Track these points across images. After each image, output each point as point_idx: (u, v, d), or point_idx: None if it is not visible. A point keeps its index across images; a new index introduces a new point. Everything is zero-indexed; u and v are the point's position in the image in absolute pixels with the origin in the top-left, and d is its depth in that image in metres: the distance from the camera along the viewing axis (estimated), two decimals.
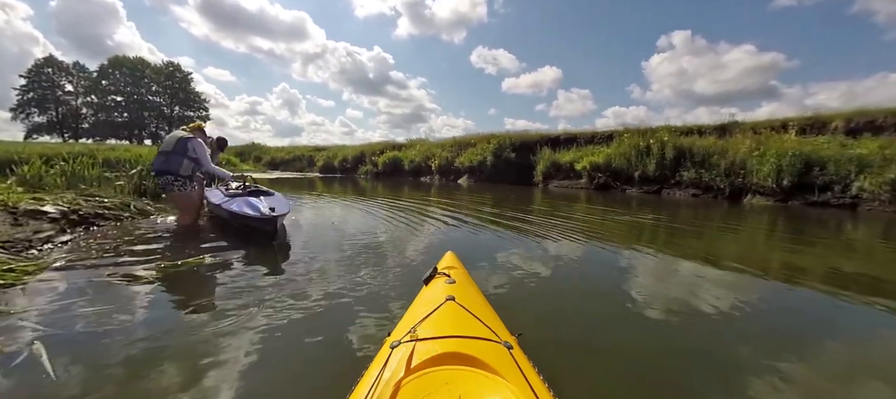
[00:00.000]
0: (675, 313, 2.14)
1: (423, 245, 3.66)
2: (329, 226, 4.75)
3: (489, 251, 3.52)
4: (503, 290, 2.42)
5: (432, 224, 5.12)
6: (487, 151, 16.15)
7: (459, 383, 0.80)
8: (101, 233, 3.41)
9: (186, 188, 3.69)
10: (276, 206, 3.30)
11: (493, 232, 4.64)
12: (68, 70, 40.96)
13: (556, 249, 3.71)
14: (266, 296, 2.19)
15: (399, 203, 7.67)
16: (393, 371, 0.85)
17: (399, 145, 22.62)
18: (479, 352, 0.91)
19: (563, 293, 2.48)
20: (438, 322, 1.09)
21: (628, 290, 2.53)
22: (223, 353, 1.57)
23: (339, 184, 15.14)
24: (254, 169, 27.74)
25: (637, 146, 12.39)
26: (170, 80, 43.13)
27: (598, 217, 6.22)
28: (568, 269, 3.12)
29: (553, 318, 2.10)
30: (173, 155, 3.62)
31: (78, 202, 3.67)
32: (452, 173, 17.66)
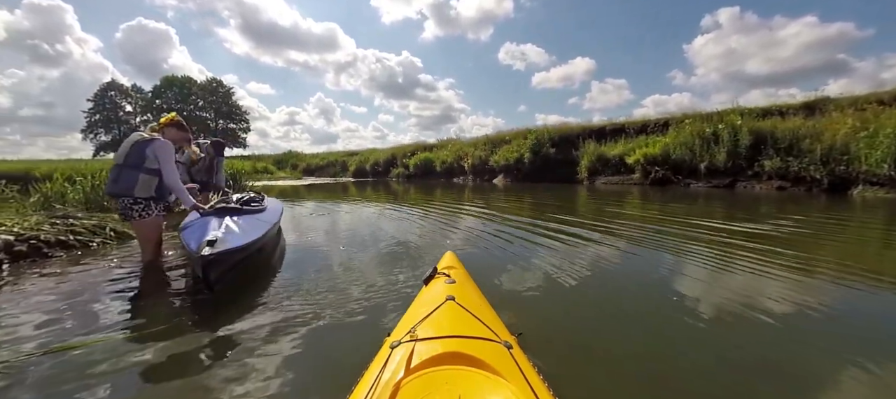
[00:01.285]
0: (682, 315, 2.03)
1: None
2: (343, 230, 4.39)
3: (489, 251, 3.45)
4: (503, 291, 2.38)
5: (464, 234, 4.19)
6: (524, 148, 14.93)
7: (459, 383, 0.79)
8: (31, 271, 2.60)
9: (150, 213, 2.66)
10: (232, 235, 2.30)
11: (540, 244, 3.60)
12: (127, 92, 44.58)
13: (593, 254, 3.25)
14: (265, 297, 2.17)
15: (429, 208, 6.82)
16: (393, 371, 0.84)
17: (430, 146, 21.94)
18: (478, 352, 0.90)
19: (562, 293, 2.37)
20: (438, 322, 1.08)
21: (640, 292, 2.44)
22: (223, 353, 1.56)
23: (371, 188, 14.61)
24: (290, 176, 28.38)
25: (701, 133, 10.69)
26: (213, 95, 45.55)
27: (657, 214, 4.97)
28: (585, 269, 2.85)
29: (553, 318, 2.04)
30: (126, 169, 2.57)
31: (42, 227, 3.07)
32: (487, 173, 16.61)
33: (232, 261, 2.22)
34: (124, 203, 2.61)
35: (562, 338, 1.79)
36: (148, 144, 2.63)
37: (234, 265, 2.28)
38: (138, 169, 2.58)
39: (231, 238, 2.28)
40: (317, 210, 7.26)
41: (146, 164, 2.60)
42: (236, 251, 2.19)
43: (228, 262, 2.17)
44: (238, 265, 2.36)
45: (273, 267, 2.92)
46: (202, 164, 5.03)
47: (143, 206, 2.65)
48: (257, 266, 2.89)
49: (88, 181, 7.03)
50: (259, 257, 2.87)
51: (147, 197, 2.64)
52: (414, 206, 7.56)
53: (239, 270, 2.42)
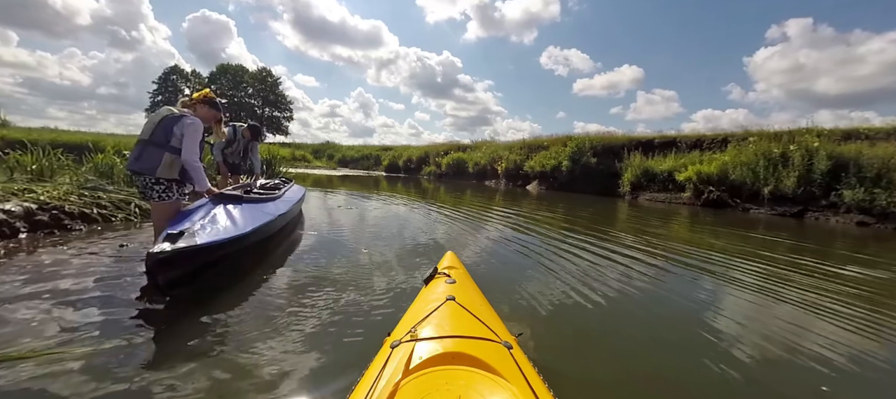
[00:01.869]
0: (681, 322, 2.07)
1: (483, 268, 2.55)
2: (365, 224, 4.27)
3: (490, 251, 3.44)
4: (503, 291, 2.38)
5: (488, 239, 3.80)
6: (563, 155, 14.20)
7: (459, 383, 0.78)
8: (45, 243, 2.49)
9: (170, 195, 2.41)
10: (213, 229, 2.01)
11: (564, 255, 3.19)
12: (187, 77, 47.89)
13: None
14: (266, 293, 2.13)
15: (457, 209, 6.48)
16: (393, 371, 0.83)
17: (464, 146, 21.61)
18: (479, 352, 0.90)
19: (563, 294, 2.37)
20: (438, 322, 1.07)
21: (636, 298, 2.46)
22: (222, 353, 1.52)
23: (402, 184, 14.53)
24: (325, 165, 29.13)
25: (768, 154, 9.56)
26: (262, 84, 47.98)
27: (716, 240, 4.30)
28: (606, 284, 2.79)
29: (553, 319, 2.01)
30: (150, 147, 2.33)
31: (69, 197, 3.05)
32: (520, 178, 16.01)
33: (197, 261, 1.84)
34: (145, 181, 2.40)
35: (562, 338, 1.76)
36: (176, 121, 2.37)
37: (201, 265, 1.91)
38: (163, 148, 2.34)
39: (208, 232, 1.98)
40: (345, 202, 7.15)
41: (172, 143, 2.36)
42: (202, 250, 1.80)
43: (191, 262, 1.80)
44: (211, 264, 2.01)
45: (279, 258, 2.81)
46: (237, 147, 5.00)
47: (165, 188, 2.41)
48: (261, 257, 2.69)
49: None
50: (258, 249, 2.65)
51: (169, 179, 2.40)
52: (442, 206, 7.26)
53: (218, 269, 2.13)
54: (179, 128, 2.37)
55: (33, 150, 4.76)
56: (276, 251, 2.98)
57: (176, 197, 2.48)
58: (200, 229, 1.98)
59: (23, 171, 4.64)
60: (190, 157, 2.38)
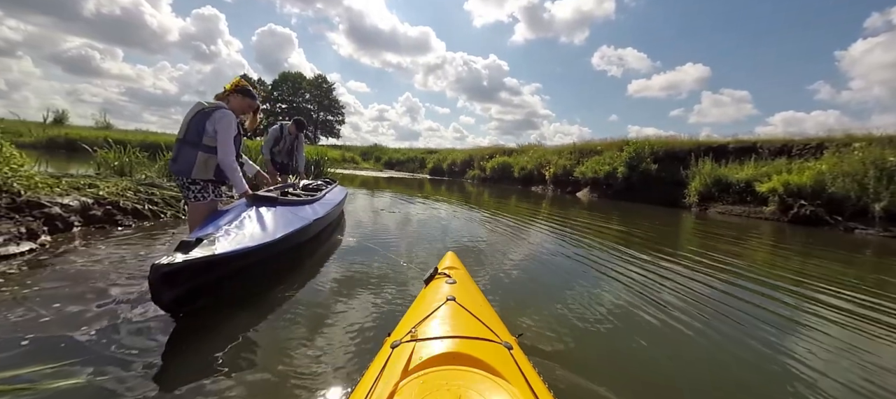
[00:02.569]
0: (681, 323, 2.06)
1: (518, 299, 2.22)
2: (401, 226, 4.01)
3: (490, 251, 3.49)
4: (503, 291, 2.38)
5: (531, 252, 3.37)
6: (618, 161, 13.13)
7: (459, 383, 0.78)
8: (95, 239, 2.52)
9: (205, 196, 2.29)
10: (238, 236, 1.82)
11: (613, 271, 2.71)
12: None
13: None
14: (268, 295, 2.09)
15: (500, 215, 6.08)
16: (393, 371, 0.83)
17: (509, 150, 21.00)
18: (479, 352, 0.90)
19: (563, 295, 2.37)
20: (439, 322, 1.07)
21: (633, 297, 2.47)
22: (222, 354, 1.50)
23: (446, 187, 14.36)
24: (372, 167, 29.98)
25: (881, 162, 7.98)
26: (318, 89, 50.96)
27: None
28: (575, 274, 2.95)
29: (553, 319, 1.99)
30: (185, 146, 2.22)
31: (126, 193, 3.16)
32: (570, 185, 15.10)
33: (213, 273, 1.63)
34: (182, 181, 2.31)
35: (562, 339, 1.75)
36: (208, 116, 2.22)
37: (219, 278, 1.71)
38: (197, 146, 2.20)
39: (231, 239, 1.78)
40: (389, 204, 7.06)
41: (205, 141, 2.20)
42: (219, 261, 1.58)
43: (206, 274, 1.59)
44: (232, 276, 1.82)
45: (306, 262, 2.76)
46: (284, 145, 5.01)
47: (200, 188, 2.28)
48: (292, 264, 2.53)
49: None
50: (289, 256, 2.48)
51: (205, 179, 2.26)
52: (485, 212, 6.89)
53: (243, 279, 1.96)
54: (211, 123, 2.21)
55: (115, 148, 5.25)
56: (308, 256, 2.82)
57: (211, 197, 2.34)
58: (224, 235, 1.78)
59: (107, 166, 5.16)
60: (226, 157, 2.23)
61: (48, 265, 2.09)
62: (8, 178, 2.55)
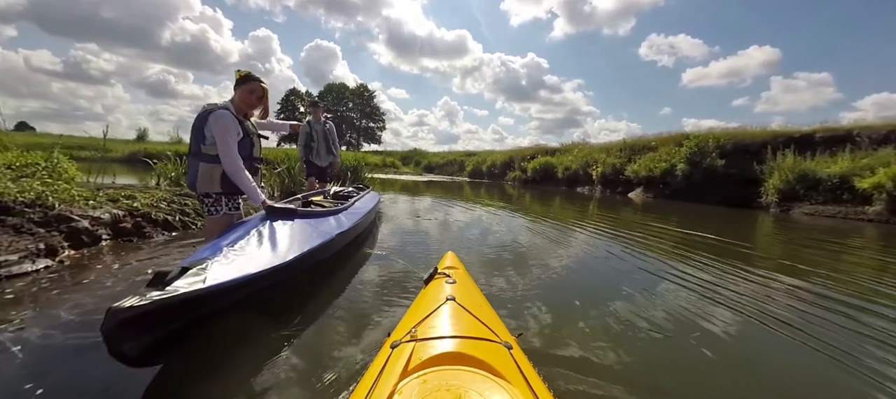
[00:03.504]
0: (680, 324, 2.03)
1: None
2: (439, 238, 3.49)
3: (490, 251, 3.45)
4: (503, 291, 2.38)
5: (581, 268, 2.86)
6: (677, 157, 11.88)
7: (459, 383, 0.78)
8: (122, 251, 2.50)
9: (218, 209, 2.08)
10: (238, 262, 1.53)
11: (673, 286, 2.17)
12: (301, 96, 55.41)
13: None
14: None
15: (545, 219, 5.54)
16: (393, 371, 0.82)
17: (552, 150, 20.05)
18: (478, 352, 0.90)
19: (563, 294, 2.37)
20: (438, 322, 1.08)
21: (633, 296, 2.43)
22: (221, 354, 1.49)
23: (485, 189, 13.92)
24: (412, 171, 30.26)
25: None
26: (360, 98, 52.87)
27: None
28: (570, 271, 2.96)
29: (553, 318, 1.99)
30: (190, 158, 2.05)
31: (159, 204, 3.16)
32: (620, 185, 13.96)
33: (196, 313, 1.29)
34: (198, 194, 2.12)
35: (562, 339, 1.74)
36: (205, 121, 1.93)
37: (207, 316, 1.36)
38: (198, 157, 1.97)
39: (230, 266, 1.49)
40: (428, 207, 6.80)
41: (204, 150, 1.95)
42: (201, 298, 1.26)
43: (185, 316, 1.24)
44: (227, 310, 1.47)
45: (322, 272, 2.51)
46: (318, 139, 4.63)
47: (212, 201, 2.06)
48: (309, 284, 2.26)
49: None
50: (305, 276, 2.17)
51: (215, 194, 2.03)
52: (530, 216, 6.37)
53: (247, 307, 1.61)
54: (208, 129, 1.93)
55: (174, 160, 5.56)
56: (329, 273, 2.57)
57: (224, 211, 2.10)
58: (221, 260, 1.51)
59: (165, 176, 5.47)
60: (229, 165, 1.94)
61: (54, 287, 1.95)
62: (42, 192, 2.59)
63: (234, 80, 2.11)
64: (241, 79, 2.10)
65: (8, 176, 2.89)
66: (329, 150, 4.72)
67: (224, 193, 2.07)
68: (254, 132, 2.20)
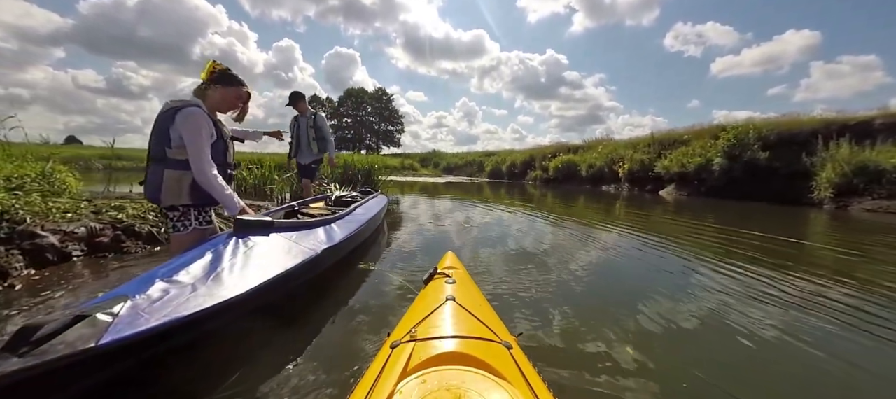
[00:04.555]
0: (681, 322, 1.98)
1: None
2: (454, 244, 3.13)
3: (490, 251, 3.42)
4: (503, 291, 2.35)
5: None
6: (713, 150, 10.97)
7: (459, 383, 0.77)
8: (91, 270, 2.27)
9: (186, 225, 1.80)
10: (198, 294, 1.25)
11: None
12: (322, 102, 56.40)
13: None
14: None
15: (564, 222, 5.04)
16: (393, 371, 0.82)
17: (575, 147, 19.26)
18: (478, 352, 0.89)
19: (564, 294, 2.34)
20: (438, 322, 1.07)
21: (633, 295, 2.39)
22: (214, 354, 1.45)
23: (505, 190, 13.42)
24: (431, 173, 30.04)
25: None
26: (379, 102, 53.20)
27: None
28: (571, 270, 2.88)
29: (553, 318, 1.97)
30: (152, 164, 1.72)
31: (147, 215, 2.95)
32: (649, 182, 13.11)
33: (87, 379, 0.97)
34: (162, 208, 1.82)
35: (562, 338, 1.74)
36: (171, 120, 1.65)
37: (120, 375, 1.05)
38: (162, 162, 1.67)
39: (162, 305, 1.16)
40: (449, 208, 6.43)
41: (170, 154, 1.66)
42: (80, 363, 0.91)
43: (68, 385, 0.93)
44: (162, 359, 1.17)
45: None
46: (305, 136, 4.18)
47: (179, 215, 1.78)
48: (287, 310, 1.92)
49: (259, 172, 8.05)
50: (283, 301, 1.82)
51: (183, 204, 1.74)
52: (549, 215, 5.87)
53: (195, 349, 1.32)
54: (175, 129, 1.65)
55: None
56: (326, 277, 2.24)
57: (193, 226, 1.81)
58: (144, 300, 1.16)
59: None
60: (200, 173, 1.66)
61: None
62: (11, 204, 2.39)
63: (207, 70, 1.79)
64: (222, 75, 1.80)
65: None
66: (310, 146, 4.24)
67: (193, 205, 1.78)
68: (228, 134, 1.92)
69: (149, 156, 1.72)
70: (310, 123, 4.18)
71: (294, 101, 4.17)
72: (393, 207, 7.04)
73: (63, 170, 3.86)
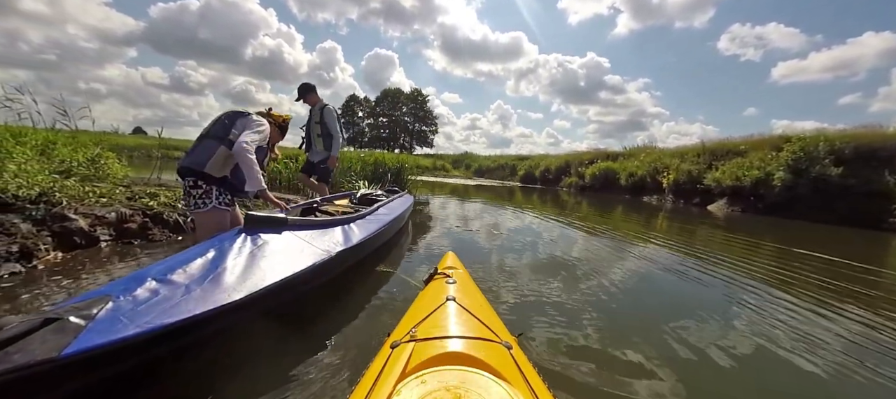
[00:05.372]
0: (682, 320, 2.07)
1: None
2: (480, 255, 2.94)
3: (490, 251, 3.43)
4: (503, 291, 2.37)
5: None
6: (774, 163, 9.93)
7: (459, 383, 0.77)
8: (113, 256, 2.28)
9: (206, 202, 1.95)
10: (191, 298, 1.14)
11: None
12: (360, 102, 57.93)
13: None
14: None
15: (600, 234, 4.64)
16: (392, 372, 0.82)
17: (614, 154, 18.29)
18: (478, 352, 0.90)
19: (564, 294, 2.38)
20: (438, 322, 1.07)
21: (634, 295, 2.50)
22: (213, 354, 1.36)
23: (538, 196, 12.96)
24: (462, 175, 29.86)
25: None
26: (414, 102, 53.82)
27: None
28: (570, 269, 2.97)
29: (553, 318, 1.99)
30: (206, 140, 1.97)
31: (177, 204, 2.99)
32: (697, 195, 12.12)
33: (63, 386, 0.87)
34: (187, 184, 1.96)
35: (562, 338, 1.75)
36: (242, 116, 2.06)
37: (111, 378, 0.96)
38: (221, 141, 1.96)
39: (149, 308, 1.06)
40: (479, 211, 6.23)
41: (230, 137, 1.97)
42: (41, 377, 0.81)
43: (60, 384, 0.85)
44: (151, 367, 1.08)
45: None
46: (317, 129, 3.84)
47: (202, 192, 1.94)
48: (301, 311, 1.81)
49: (294, 167, 8.30)
50: (283, 308, 1.69)
51: (218, 177, 1.96)
52: (583, 224, 5.48)
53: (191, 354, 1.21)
54: (242, 123, 2.03)
55: None
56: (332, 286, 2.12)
57: (213, 205, 1.98)
58: (127, 301, 1.06)
59: None
60: (241, 146, 1.90)
61: (6, 298, 1.68)
62: (50, 188, 2.48)
63: (280, 115, 2.37)
64: (285, 125, 2.43)
65: (41, 170, 2.87)
66: (316, 142, 3.89)
67: (219, 187, 1.99)
68: (267, 154, 2.26)
69: (205, 134, 2.01)
70: (316, 118, 3.82)
71: (303, 93, 3.83)
72: (422, 208, 6.93)
73: (110, 156, 4.06)
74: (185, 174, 1.95)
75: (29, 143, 3.49)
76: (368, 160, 8.90)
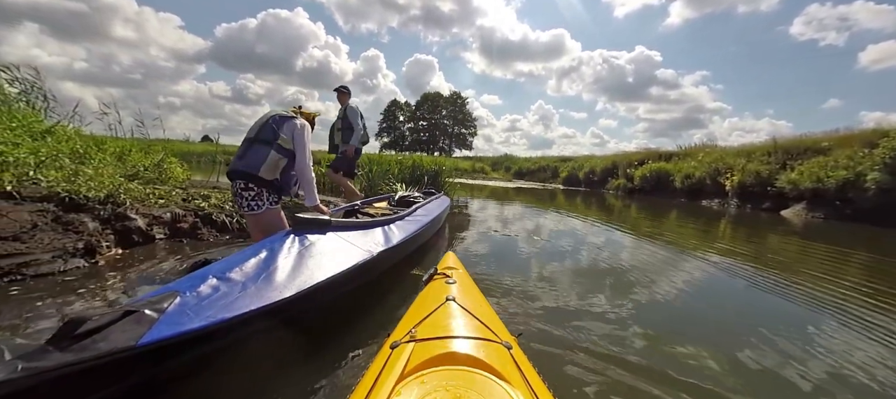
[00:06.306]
0: (682, 317, 2.09)
1: None
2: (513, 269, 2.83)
3: (490, 252, 3.42)
4: (503, 291, 2.37)
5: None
6: (867, 162, 8.60)
7: (459, 384, 0.77)
8: (163, 252, 2.43)
9: (260, 204, 2.04)
10: (246, 295, 1.20)
11: None
12: (401, 106, 59.34)
13: None
14: None
15: (656, 243, 4.21)
16: (392, 372, 0.81)
17: (667, 154, 16.99)
18: (478, 352, 0.89)
19: (563, 293, 2.36)
20: (438, 322, 1.07)
21: (634, 293, 2.46)
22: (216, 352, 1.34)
23: (582, 199, 12.36)
24: (501, 177, 29.40)
25: None
26: (453, 105, 54.14)
27: None
28: (570, 269, 2.93)
29: (553, 318, 1.98)
30: (256, 144, 2.03)
31: (225, 205, 3.16)
32: (767, 199, 10.85)
33: (131, 377, 0.92)
34: (237, 186, 2.05)
35: (562, 338, 1.75)
36: (285, 120, 2.13)
37: (172, 371, 1.03)
38: (270, 145, 2.03)
39: (208, 304, 1.11)
40: (504, 219, 6.03)
41: (280, 142, 2.05)
42: (119, 364, 0.86)
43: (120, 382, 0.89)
44: (205, 360, 1.12)
45: None
46: (340, 132, 4.02)
47: (254, 195, 2.04)
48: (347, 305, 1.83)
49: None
50: (338, 301, 1.73)
51: (269, 180, 2.05)
52: (630, 230, 5.05)
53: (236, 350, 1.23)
54: (289, 129, 2.10)
55: None
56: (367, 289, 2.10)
57: (266, 206, 2.07)
58: (194, 297, 1.13)
59: None
60: (304, 167, 2.11)
61: (56, 292, 1.80)
62: (115, 189, 2.71)
63: (310, 113, 2.43)
64: (314, 119, 2.49)
65: (114, 172, 3.17)
66: (335, 137, 4.08)
67: (268, 189, 2.07)
68: None
69: (254, 139, 2.07)
70: (340, 115, 4.02)
71: (339, 92, 4.14)
72: (460, 210, 6.85)
73: (173, 161, 4.43)
74: (237, 177, 2.05)
75: (108, 150, 3.89)
76: (406, 163, 8.98)
